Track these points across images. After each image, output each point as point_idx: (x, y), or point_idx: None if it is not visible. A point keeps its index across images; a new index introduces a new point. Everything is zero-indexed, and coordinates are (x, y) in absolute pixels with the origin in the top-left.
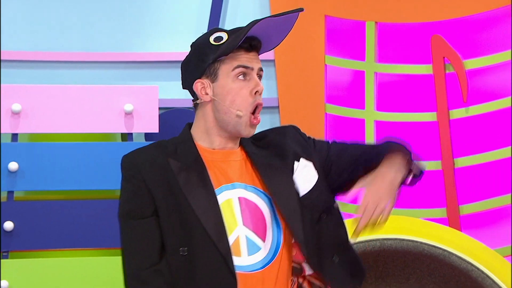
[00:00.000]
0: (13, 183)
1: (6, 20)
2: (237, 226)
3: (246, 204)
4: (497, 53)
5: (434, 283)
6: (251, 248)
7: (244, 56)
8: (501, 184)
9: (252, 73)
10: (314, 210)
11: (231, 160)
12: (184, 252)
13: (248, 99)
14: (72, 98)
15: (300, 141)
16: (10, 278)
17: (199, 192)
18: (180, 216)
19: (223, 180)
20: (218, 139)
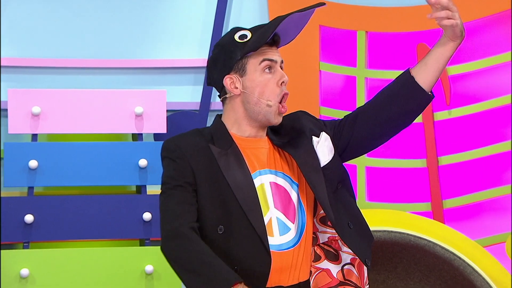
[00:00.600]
0: (33, 180)
1: (26, 30)
2: (269, 209)
3: (276, 188)
4: (477, 60)
5: (419, 271)
6: (282, 229)
7: (268, 50)
8: (482, 180)
9: (276, 66)
10: (333, 180)
11: (261, 147)
12: (221, 231)
13: (276, 90)
14: (87, 101)
15: (313, 121)
16: (30, 266)
17: (238, 175)
18: (220, 196)
19: (257, 166)
20: (249, 128)
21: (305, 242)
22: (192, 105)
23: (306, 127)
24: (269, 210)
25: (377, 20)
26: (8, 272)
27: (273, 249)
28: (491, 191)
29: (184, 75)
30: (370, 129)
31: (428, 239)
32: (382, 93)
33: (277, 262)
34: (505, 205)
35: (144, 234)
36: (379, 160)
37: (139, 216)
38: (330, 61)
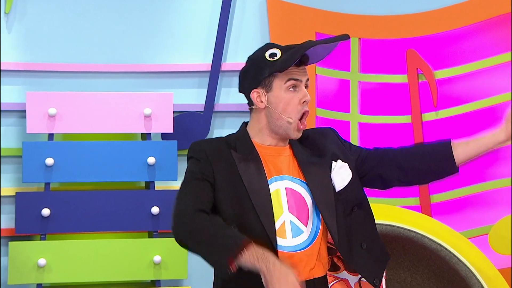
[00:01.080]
0: (49, 176)
1: (43, 37)
2: (283, 213)
3: (291, 193)
4: (462, 64)
5: (408, 261)
6: (294, 231)
7: (295, 70)
8: (466, 177)
9: (301, 85)
10: (347, 204)
11: (281, 156)
12: (235, 229)
13: (297, 107)
14: (99, 103)
15: (338, 143)
16: (47, 256)
17: (255, 180)
18: (236, 198)
19: (274, 172)
20: (270, 139)
21: (319, 244)
22: (197, 107)
23: (329, 149)
24: (283, 213)
25: (369, 28)
26: (27, 261)
27: (284, 250)
28: (475, 187)
29: (190, 79)
30: (390, 170)
31: (416, 231)
32: (418, 147)
33: (289, 263)
34: (488, 200)
35: (152, 227)
36: None
37: (148, 210)
38: (325, 65)
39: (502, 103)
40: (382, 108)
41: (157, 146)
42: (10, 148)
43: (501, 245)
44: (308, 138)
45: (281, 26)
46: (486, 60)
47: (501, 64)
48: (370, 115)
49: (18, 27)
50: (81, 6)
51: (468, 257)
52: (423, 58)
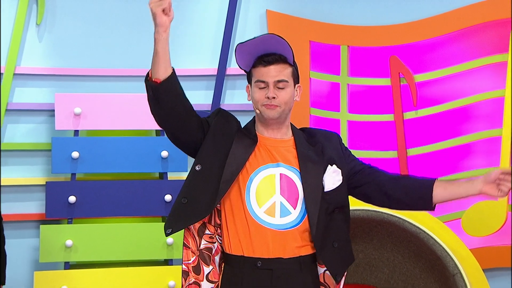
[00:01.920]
0: (75, 167)
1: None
2: (274, 194)
3: (285, 179)
4: (439, 69)
5: (391, 242)
6: (283, 212)
7: (262, 69)
8: (442, 168)
9: (269, 85)
10: (330, 204)
11: (280, 147)
12: (199, 168)
13: (261, 100)
14: (119, 103)
15: (338, 149)
16: (74, 238)
17: (239, 152)
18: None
19: (269, 160)
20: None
21: (304, 226)
22: (204, 107)
23: (328, 153)
24: (274, 194)
25: (357, 37)
26: (56, 242)
27: (273, 228)
28: (450, 177)
29: (198, 82)
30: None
31: (398, 216)
32: (405, 179)
33: (276, 239)
34: None
35: (166, 212)
36: (358, 152)
37: (161, 197)
38: (318, 70)
39: (473, 103)
40: (368, 108)
41: (169, 142)
42: (40, 143)
43: (472, 228)
44: (313, 137)
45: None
46: (459, 65)
47: (472, 69)
48: (357, 114)
49: (48, 36)
50: (101, 18)
51: (443, 239)
52: (404, 64)
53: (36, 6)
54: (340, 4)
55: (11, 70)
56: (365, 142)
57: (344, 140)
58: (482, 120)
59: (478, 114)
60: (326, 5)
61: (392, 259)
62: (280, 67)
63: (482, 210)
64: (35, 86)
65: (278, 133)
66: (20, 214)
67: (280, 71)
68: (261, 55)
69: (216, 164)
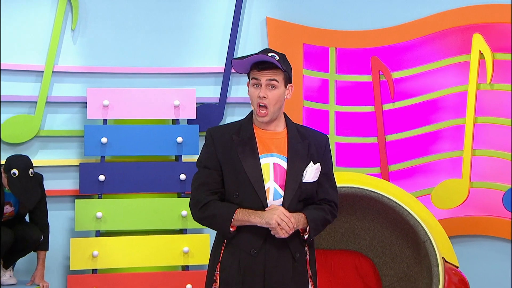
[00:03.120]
0: (104, 151)
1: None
2: (269, 180)
3: (278, 167)
4: (413, 67)
5: (372, 214)
6: (275, 195)
7: (258, 73)
8: (416, 152)
9: (261, 84)
10: (302, 193)
11: (274, 138)
12: (236, 195)
13: (256, 100)
14: (141, 96)
15: (321, 151)
16: (103, 210)
17: (249, 159)
18: (235, 172)
19: (265, 150)
20: (260, 123)
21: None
22: (213, 99)
23: (313, 151)
24: (269, 181)
25: (343, 40)
26: (88, 214)
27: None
28: (421, 159)
29: (208, 78)
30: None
31: (378, 192)
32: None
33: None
34: (431, 169)
35: (181, 189)
36: (345, 138)
37: (177, 176)
38: (310, 68)
39: (441, 96)
40: (352, 100)
41: (183, 129)
42: (74, 130)
43: (440, 202)
44: (305, 131)
45: (276, 38)
46: (429, 64)
47: (440, 68)
48: (344, 105)
49: (81, 39)
50: (126, 24)
51: (415, 211)
52: (384, 63)
53: (71, 14)
54: (329, 12)
55: (50, 68)
56: (350, 129)
57: (332, 128)
58: (449, 111)
59: (445, 105)
60: (317, 13)
61: (372, 228)
62: (271, 72)
63: (448, 187)
64: (70, 82)
65: (272, 126)
66: (58, 190)
67: (272, 74)
68: (256, 62)
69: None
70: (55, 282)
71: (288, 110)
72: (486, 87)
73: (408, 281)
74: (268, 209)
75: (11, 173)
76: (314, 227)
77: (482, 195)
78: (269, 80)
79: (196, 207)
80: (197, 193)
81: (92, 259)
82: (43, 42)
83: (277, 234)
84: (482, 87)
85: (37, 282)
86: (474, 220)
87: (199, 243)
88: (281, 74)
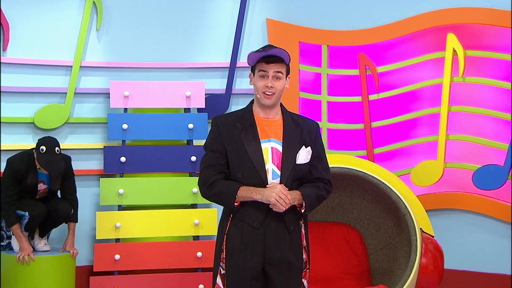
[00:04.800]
0: (125, 135)
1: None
2: (268, 162)
3: (275, 151)
4: (395, 62)
5: (359, 191)
6: (274, 175)
7: (265, 65)
8: (397, 137)
9: (268, 75)
10: (296, 173)
11: (271, 125)
12: (240, 175)
13: (263, 89)
14: (157, 88)
15: (312, 137)
16: (124, 187)
17: (251, 143)
18: (240, 155)
19: (264, 136)
20: (261, 111)
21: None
22: (220, 91)
23: (306, 136)
24: (268, 163)
25: (334, 38)
26: (111, 191)
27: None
28: (402, 143)
29: (216, 72)
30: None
31: (364, 171)
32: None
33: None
34: (410, 151)
35: (192, 169)
36: (335, 124)
37: (189, 158)
38: (305, 63)
39: (419, 88)
40: (342, 92)
41: (194, 117)
42: (99, 117)
43: (418, 180)
44: (298, 119)
45: (276, 37)
46: (409, 60)
47: (419, 63)
48: (334, 96)
49: (105, 38)
50: (144, 24)
51: (397, 188)
52: (370, 59)
53: (96, 16)
54: (322, 14)
55: (78, 64)
56: (340, 117)
57: (324, 117)
58: (426, 101)
59: (423, 96)
60: (312, 14)
61: (359, 203)
62: (277, 65)
63: (425, 167)
64: (95, 76)
65: (271, 114)
66: (85, 170)
67: (278, 67)
68: (265, 56)
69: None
70: (83, 249)
71: (285, 100)
72: (458, 80)
73: (390, 249)
74: (269, 187)
75: (40, 149)
76: (309, 202)
77: (454, 174)
78: (276, 72)
79: (204, 186)
80: (205, 173)
81: (115, 229)
82: (71, 40)
83: (275, 208)
84: (455, 80)
85: (68, 249)
86: (448, 195)
87: (208, 216)
88: (284, 66)
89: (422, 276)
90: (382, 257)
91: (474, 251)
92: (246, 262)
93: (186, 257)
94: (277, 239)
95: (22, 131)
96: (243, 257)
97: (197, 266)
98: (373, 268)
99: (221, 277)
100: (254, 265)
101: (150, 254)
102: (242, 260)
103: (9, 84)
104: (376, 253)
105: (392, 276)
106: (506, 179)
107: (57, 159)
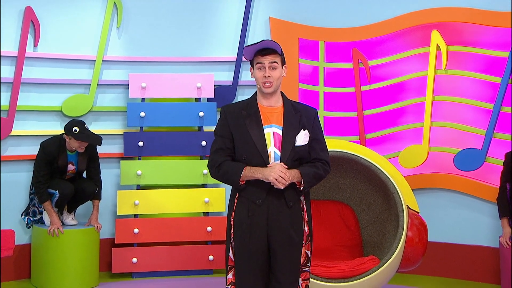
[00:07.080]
0: (142, 122)
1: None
2: (270, 146)
3: (276, 135)
4: (385, 57)
5: (352, 172)
6: (275, 158)
7: (260, 57)
8: (385, 123)
9: (264, 66)
10: (295, 154)
11: (274, 112)
12: (244, 158)
13: (262, 79)
14: (171, 80)
15: (311, 121)
16: (142, 169)
17: (255, 129)
18: (244, 139)
19: (266, 122)
20: (263, 99)
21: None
22: (227, 82)
23: (304, 121)
24: (271, 146)
25: (330, 35)
26: (130, 171)
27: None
28: (392, 129)
29: (224, 65)
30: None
31: (357, 155)
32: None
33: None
34: (398, 137)
35: (202, 153)
36: (331, 113)
37: (199, 143)
38: (304, 57)
39: (406, 80)
40: (337, 83)
41: (204, 105)
42: (119, 106)
43: (405, 162)
44: (298, 105)
45: (277, 33)
46: (398, 54)
47: (406, 57)
48: (331, 87)
49: (124, 35)
50: (160, 22)
51: (386, 169)
52: (362, 53)
53: (116, 15)
54: (319, 13)
55: (100, 58)
56: (336, 106)
57: (321, 106)
58: (412, 91)
59: (410, 87)
60: (310, 13)
61: (352, 183)
62: (272, 56)
63: (412, 151)
64: (116, 69)
65: (272, 101)
66: (107, 153)
67: (273, 58)
68: (260, 49)
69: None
70: (106, 224)
71: (286, 91)
72: (441, 72)
73: (380, 224)
74: (269, 166)
75: (73, 131)
76: (307, 180)
77: (438, 157)
78: (271, 62)
79: (213, 167)
80: (214, 156)
81: (134, 206)
82: (95, 37)
83: (275, 185)
84: (438, 73)
85: (92, 223)
86: (432, 176)
87: (217, 195)
88: (279, 57)
89: (408, 248)
90: (372, 231)
91: (455, 225)
92: (251, 234)
93: (197, 231)
94: (278, 213)
95: (52, 118)
96: (249, 230)
97: (207, 239)
98: (365, 241)
99: (232, 250)
100: (258, 237)
101: (165, 228)
102: (247, 233)
103: (40, 76)
104: (367, 228)
105: (381, 248)
106: (483, 161)
107: (93, 133)
